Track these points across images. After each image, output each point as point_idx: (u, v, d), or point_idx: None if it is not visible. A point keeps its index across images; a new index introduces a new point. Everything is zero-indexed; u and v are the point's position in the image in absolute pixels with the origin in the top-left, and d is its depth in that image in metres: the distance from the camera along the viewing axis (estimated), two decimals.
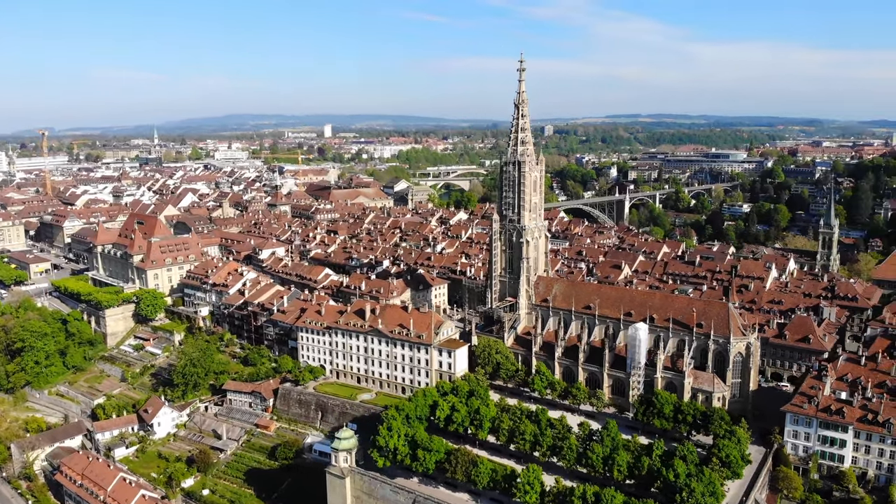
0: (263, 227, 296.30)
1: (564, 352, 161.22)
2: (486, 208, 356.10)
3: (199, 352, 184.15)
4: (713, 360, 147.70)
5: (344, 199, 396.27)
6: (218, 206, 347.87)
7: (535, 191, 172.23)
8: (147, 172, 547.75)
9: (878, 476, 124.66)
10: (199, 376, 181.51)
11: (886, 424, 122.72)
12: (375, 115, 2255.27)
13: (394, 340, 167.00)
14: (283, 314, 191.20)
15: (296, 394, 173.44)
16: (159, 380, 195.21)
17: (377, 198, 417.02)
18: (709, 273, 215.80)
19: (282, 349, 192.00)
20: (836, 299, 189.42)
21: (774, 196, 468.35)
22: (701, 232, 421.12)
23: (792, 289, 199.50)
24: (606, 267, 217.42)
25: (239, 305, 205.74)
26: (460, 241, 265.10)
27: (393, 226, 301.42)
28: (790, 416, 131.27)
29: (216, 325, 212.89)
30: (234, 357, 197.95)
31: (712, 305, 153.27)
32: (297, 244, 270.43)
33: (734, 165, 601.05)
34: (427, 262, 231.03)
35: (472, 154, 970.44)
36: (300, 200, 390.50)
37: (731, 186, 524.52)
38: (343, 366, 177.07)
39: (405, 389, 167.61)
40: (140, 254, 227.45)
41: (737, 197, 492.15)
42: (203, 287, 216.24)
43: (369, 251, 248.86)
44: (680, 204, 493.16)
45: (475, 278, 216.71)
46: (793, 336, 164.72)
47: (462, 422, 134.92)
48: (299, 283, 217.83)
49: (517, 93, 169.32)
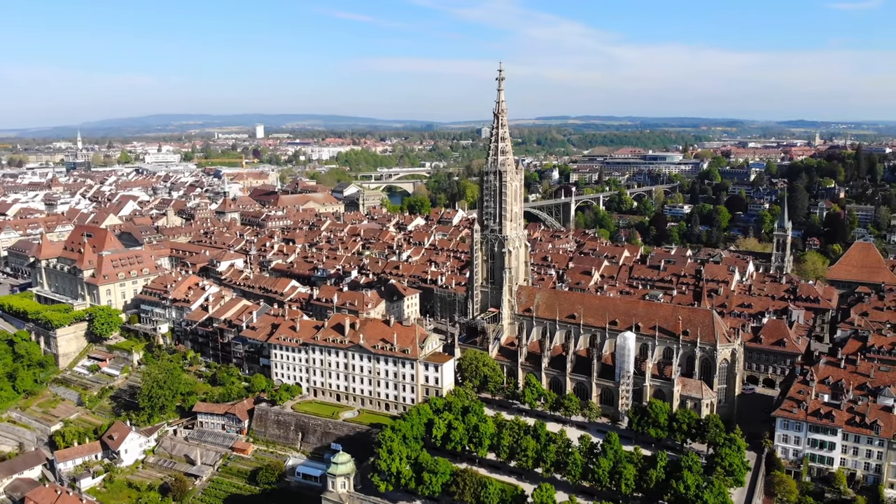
0: (215, 236, 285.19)
1: (551, 362, 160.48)
2: (441, 213, 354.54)
3: (164, 372, 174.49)
4: (699, 367, 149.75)
5: (293, 205, 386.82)
6: (162, 214, 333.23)
7: (515, 200, 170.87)
8: (76, 178, 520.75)
9: (867, 476, 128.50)
10: (165, 398, 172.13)
11: (874, 426, 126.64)
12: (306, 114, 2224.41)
13: (376, 356, 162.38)
14: (253, 331, 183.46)
15: (273, 414, 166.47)
16: (120, 403, 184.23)
17: (327, 203, 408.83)
18: (674, 277, 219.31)
19: (252, 367, 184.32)
20: (798, 301, 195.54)
21: (713, 197, 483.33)
22: (645, 233, 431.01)
23: (756, 292, 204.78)
24: (577, 273, 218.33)
25: (203, 322, 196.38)
26: (424, 248, 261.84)
27: (352, 233, 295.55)
28: (780, 421, 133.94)
29: (177, 343, 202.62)
30: (199, 376, 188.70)
31: (697, 313, 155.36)
32: (254, 254, 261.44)
33: (671, 167, 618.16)
34: (395, 272, 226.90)
35: (411, 156, 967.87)
36: (247, 207, 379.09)
37: (670, 188, 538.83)
38: (321, 383, 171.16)
39: (389, 406, 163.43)
40: (91, 268, 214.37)
41: (677, 198, 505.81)
42: (162, 303, 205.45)
43: (333, 260, 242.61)
44: (623, 206, 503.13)
45: (447, 287, 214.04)
46: (768, 340, 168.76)
47: (460, 440, 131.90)
48: (264, 297, 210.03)
49: (496, 102, 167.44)
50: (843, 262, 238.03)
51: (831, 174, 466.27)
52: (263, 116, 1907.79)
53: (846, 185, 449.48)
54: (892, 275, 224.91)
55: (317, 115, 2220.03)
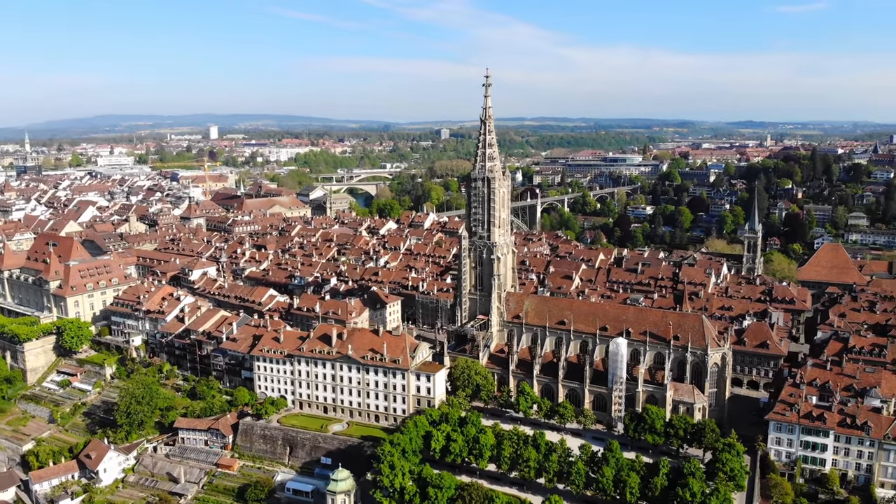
0: (182, 243, 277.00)
1: (542, 369, 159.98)
2: (413, 216, 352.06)
3: (142, 387, 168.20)
4: (690, 372, 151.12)
5: (259, 209, 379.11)
6: (124, 220, 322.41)
7: (503, 206, 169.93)
8: (28, 182, 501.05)
9: (858, 476, 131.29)
10: (144, 414, 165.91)
11: (864, 427, 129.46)
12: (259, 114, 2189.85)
13: (366, 366, 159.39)
14: (234, 342, 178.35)
15: (259, 428, 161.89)
16: (94, 419, 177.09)
17: (294, 207, 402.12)
18: (651, 280, 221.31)
19: (234, 380, 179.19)
20: (774, 303, 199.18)
21: (675, 198, 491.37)
22: (610, 234, 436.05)
23: (732, 294, 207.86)
24: (557, 278, 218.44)
25: (179, 334, 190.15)
26: (400, 253, 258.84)
27: (324, 238, 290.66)
28: (773, 424, 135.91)
29: (152, 356, 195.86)
30: (177, 390, 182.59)
31: (686, 318, 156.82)
32: (225, 261, 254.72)
33: (631, 169, 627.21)
34: (375, 278, 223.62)
35: (371, 157, 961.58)
36: (212, 211, 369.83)
37: (631, 190, 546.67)
38: (308, 396, 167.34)
39: (379, 417, 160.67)
40: (57, 279, 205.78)
41: (639, 200, 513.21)
42: (134, 314, 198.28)
43: (309, 268, 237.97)
44: (587, 207, 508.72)
45: (428, 293, 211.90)
46: (751, 342, 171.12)
47: (460, 452, 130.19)
48: (240, 307, 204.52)
49: (483, 108, 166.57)
50: (812, 263, 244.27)
51: (788, 175, 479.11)
52: (215, 117, 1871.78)
53: (803, 185, 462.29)
54: (860, 275, 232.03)
55: (270, 115, 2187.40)
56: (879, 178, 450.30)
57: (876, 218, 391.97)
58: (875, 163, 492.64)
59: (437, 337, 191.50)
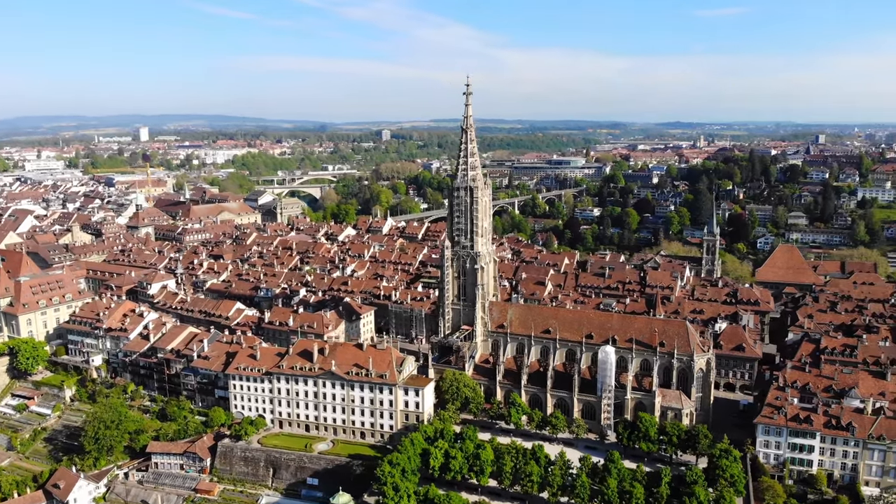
0: (133, 254, 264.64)
1: (529, 378, 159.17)
2: (371, 222, 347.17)
3: (110, 410, 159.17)
4: (677, 377, 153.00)
5: (208, 216, 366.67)
6: (66, 230, 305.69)
7: (486, 215, 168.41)
8: None
9: (843, 476, 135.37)
10: (113, 439, 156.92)
11: (849, 428, 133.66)
12: (190, 115, 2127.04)
13: (351, 382, 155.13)
14: (206, 360, 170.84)
15: (239, 450, 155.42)
16: (57, 445, 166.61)
17: (243, 213, 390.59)
18: (619, 284, 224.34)
19: (206, 400, 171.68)
20: (740, 304, 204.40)
21: (620, 200, 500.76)
22: (560, 236, 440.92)
23: (699, 296, 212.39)
24: (530, 284, 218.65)
25: (144, 352, 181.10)
26: (365, 260, 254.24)
27: (282, 246, 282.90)
28: (762, 427, 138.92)
29: (114, 376, 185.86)
30: (145, 412, 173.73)
31: (671, 324, 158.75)
32: (180, 273, 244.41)
33: (575, 171, 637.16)
34: (344, 288, 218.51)
35: (312, 158, 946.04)
36: (157, 219, 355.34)
37: (578, 192, 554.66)
38: (288, 414, 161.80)
39: (365, 434, 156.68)
40: (7, 296, 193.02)
41: (586, 202, 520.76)
42: (94, 332, 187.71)
43: (273, 278, 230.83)
44: (537, 210, 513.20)
45: (401, 302, 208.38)
46: (727, 345, 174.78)
47: (460, 469, 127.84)
48: (206, 322, 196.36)
49: (464, 117, 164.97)
50: (769, 264, 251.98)
51: (728, 176, 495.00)
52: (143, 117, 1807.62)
53: (743, 186, 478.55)
54: (815, 276, 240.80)
55: (201, 116, 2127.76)
56: (815, 179, 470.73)
57: (814, 217, 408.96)
58: (809, 163, 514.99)
59: (421, 349, 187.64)
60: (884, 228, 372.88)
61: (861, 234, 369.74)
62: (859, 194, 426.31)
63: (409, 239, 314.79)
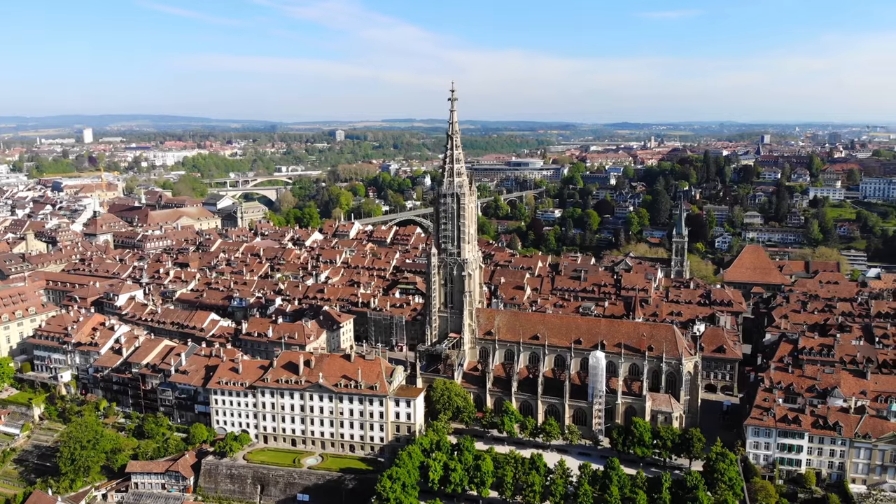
0: (94, 263, 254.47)
1: (519, 385, 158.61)
2: (337, 226, 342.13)
3: (86, 429, 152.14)
4: (665, 381, 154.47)
5: (167, 222, 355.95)
6: (20, 238, 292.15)
7: (472, 222, 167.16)
8: None
9: (831, 474, 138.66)
10: (90, 459, 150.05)
11: (836, 427, 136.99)
12: (133, 115, 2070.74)
13: (339, 395, 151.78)
14: (184, 375, 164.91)
15: (224, 467, 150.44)
16: (28, 467, 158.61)
17: (203, 217, 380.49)
18: (595, 287, 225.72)
19: (185, 415, 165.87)
20: (714, 305, 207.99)
21: (580, 201, 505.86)
22: (524, 238, 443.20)
23: (674, 298, 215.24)
24: (509, 288, 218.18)
25: (117, 367, 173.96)
26: (339, 266, 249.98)
27: (249, 251, 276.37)
28: (751, 429, 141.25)
29: (85, 393, 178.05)
30: (120, 429, 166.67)
31: (658, 328, 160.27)
32: (146, 282, 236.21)
33: (534, 173, 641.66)
34: (320, 296, 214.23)
35: (265, 160, 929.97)
36: (113, 225, 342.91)
37: (538, 193, 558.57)
38: (273, 429, 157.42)
39: (354, 447, 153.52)
40: None
41: (547, 203, 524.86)
42: (62, 347, 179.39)
43: (245, 286, 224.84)
44: (499, 212, 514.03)
45: (381, 310, 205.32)
46: (709, 347, 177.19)
47: (461, 481, 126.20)
48: (179, 334, 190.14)
49: (449, 123, 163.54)
50: (736, 265, 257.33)
51: (684, 177, 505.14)
52: (85, 118, 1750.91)
53: (699, 187, 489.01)
54: (781, 276, 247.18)
55: (145, 116, 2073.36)
56: (768, 179, 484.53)
57: (769, 217, 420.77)
58: (761, 164, 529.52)
59: (407, 357, 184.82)
60: (836, 227, 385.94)
61: (815, 232, 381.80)
62: (811, 194, 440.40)
63: (378, 243, 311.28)
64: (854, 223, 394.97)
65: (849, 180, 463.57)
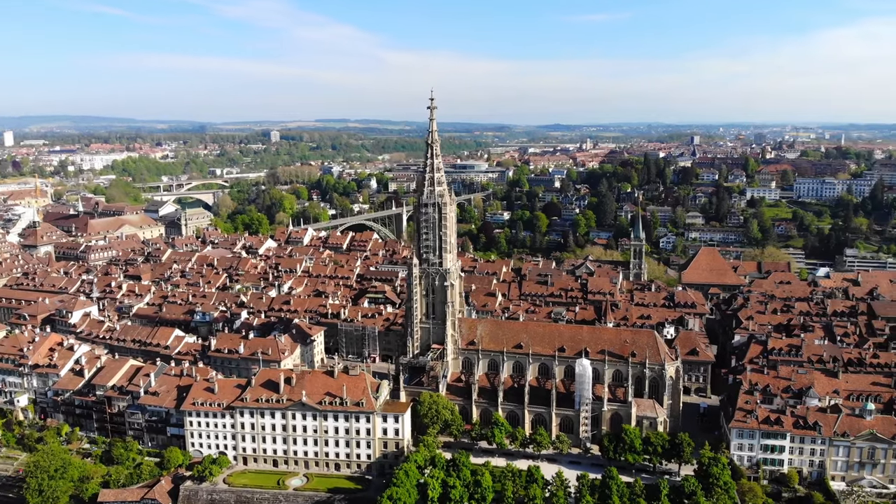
0: (39, 277, 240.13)
1: (505, 395, 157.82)
2: (290, 232, 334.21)
3: (54, 458, 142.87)
4: (648, 387, 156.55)
5: (108, 231, 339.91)
6: None
7: (452, 231, 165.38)
8: None
9: (811, 473, 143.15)
10: (59, 489, 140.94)
11: (816, 427, 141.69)
12: (53, 116, 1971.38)
13: (324, 412, 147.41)
14: (155, 396, 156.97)
15: (205, 493, 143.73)
16: None
17: (146, 226, 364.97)
18: (562, 292, 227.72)
19: (157, 439, 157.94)
20: (678, 308, 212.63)
21: (528, 204, 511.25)
22: (475, 241, 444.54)
23: (638, 301, 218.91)
24: (480, 295, 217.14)
25: (79, 390, 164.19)
26: (301, 276, 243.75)
27: (202, 262, 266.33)
28: (736, 431, 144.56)
29: (44, 417, 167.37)
30: (85, 455, 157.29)
31: (640, 335, 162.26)
32: (97, 297, 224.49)
33: (480, 175, 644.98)
34: (287, 308, 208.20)
35: (198, 162, 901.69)
36: (51, 234, 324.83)
37: (486, 196, 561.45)
38: (254, 450, 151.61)
39: (339, 466, 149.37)
40: None
41: (496, 206, 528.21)
42: (18, 370, 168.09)
43: (205, 299, 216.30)
44: None
45: (352, 320, 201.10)
46: (683, 350, 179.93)
47: (461, 498, 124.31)
48: (141, 352, 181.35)
49: (429, 132, 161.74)
50: (693, 266, 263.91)
51: (626, 179, 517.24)
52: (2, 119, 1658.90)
53: (641, 188, 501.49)
54: (737, 277, 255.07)
55: (66, 117, 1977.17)
56: (707, 180, 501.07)
57: (710, 217, 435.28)
58: (699, 165, 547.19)
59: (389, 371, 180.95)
60: (774, 226, 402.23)
61: (754, 231, 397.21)
62: (748, 194, 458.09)
63: (335, 249, 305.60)
64: (791, 222, 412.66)
65: (783, 180, 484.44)
